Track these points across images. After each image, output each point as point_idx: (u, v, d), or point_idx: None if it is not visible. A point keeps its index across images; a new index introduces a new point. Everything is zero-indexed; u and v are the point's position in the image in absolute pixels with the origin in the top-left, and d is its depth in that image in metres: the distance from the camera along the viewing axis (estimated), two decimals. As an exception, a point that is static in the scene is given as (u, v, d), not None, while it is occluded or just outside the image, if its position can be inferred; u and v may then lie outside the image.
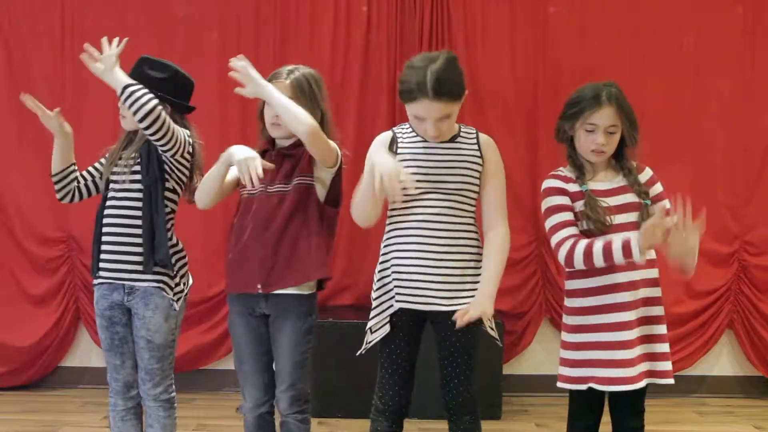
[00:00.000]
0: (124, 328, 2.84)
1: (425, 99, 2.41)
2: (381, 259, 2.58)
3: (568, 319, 2.62)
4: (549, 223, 2.54)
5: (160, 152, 2.75)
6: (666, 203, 2.54)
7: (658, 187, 2.60)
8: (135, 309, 2.80)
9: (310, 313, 2.73)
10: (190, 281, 2.93)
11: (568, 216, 2.51)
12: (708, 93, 4.50)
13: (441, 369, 2.60)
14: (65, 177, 2.93)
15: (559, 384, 2.63)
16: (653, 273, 2.55)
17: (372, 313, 2.57)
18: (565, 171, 2.60)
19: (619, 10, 4.52)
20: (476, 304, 2.45)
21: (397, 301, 2.50)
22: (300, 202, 2.68)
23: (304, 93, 2.70)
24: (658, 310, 2.57)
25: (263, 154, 2.75)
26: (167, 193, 2.81)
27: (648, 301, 2.55)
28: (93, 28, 4.52)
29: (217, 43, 4.54)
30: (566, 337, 2.62)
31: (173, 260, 2.81)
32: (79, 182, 2.95)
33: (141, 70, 2.81)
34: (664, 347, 2.56)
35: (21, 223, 4.60)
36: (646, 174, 2.61)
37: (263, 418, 2.79)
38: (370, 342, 2.58)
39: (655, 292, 2.57)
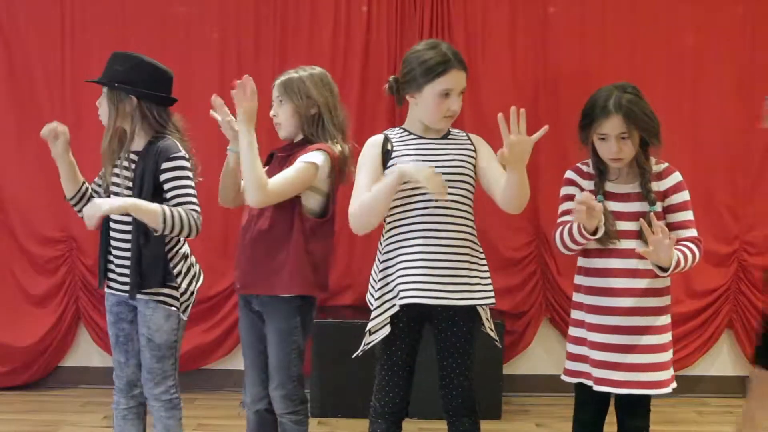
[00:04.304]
0: (129, 325, 2.85)
1: (454, 69, 2.51)
2: (382, 258, 2.57)
3: (572, 313, 2.68)
4: (559, 210, 2.66)
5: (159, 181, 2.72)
6: (685, 215, 2.55)
7: (681, 196, 2.58)
8: (139, 307, 2.80)
9: (293, 315, 2.70)
10: (200, 282, 2.91)
11: (571, 205, 2.56)
12: (708, 93, 4.50)
13: (440, 370, 2.60)
14: (81, 197, 2.89)
15: (562, 377, 2.68)
16: (654, 283, 2.56)
17: (373, 314, 2.56)
18: (589, 167, 2.64)
19: (619, 10, 4.51)
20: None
21: (401, 298, 2.48)
22: (279, 212, 2.66)
23: (292, 91, 2.72)
24: (646, 321, 2.56)
25: (270, 158, 2.77)
26: None
27: (636, 311, 2.55)
28: (93, 28, 4.53)
29: (217, 43, 4.53)
30: (570, 330, 2.68)
31: (175, 272, 2.77)
32: (93, 196, 2.88)
33: (109, 67, 2.78)
34: (646, 358, 2.54)
35: (21, 223, 4.59)
36: (671, 180, 2.59)
37: (261, 414, 2.82)
38: (368, 343, 2.57)
39: (647, 302, 2.56)
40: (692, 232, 2.56)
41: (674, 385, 2.61)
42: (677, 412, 4.32)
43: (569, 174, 2.66)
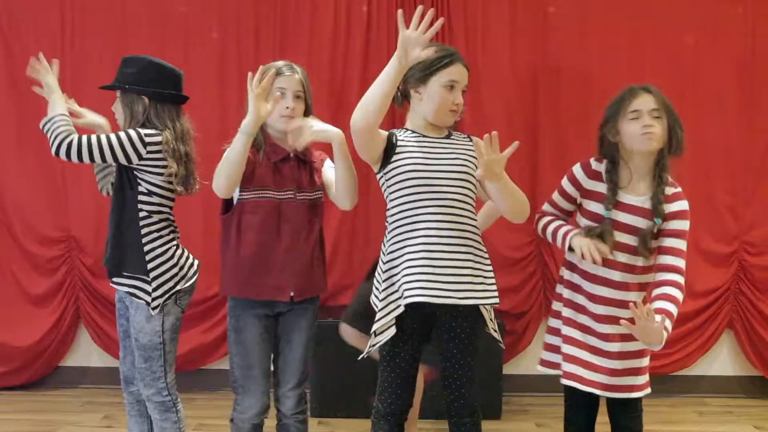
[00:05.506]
0: (126, 322, 2.87)
1: (459, 63, 2.57)
2: (386, 259, 2.55)
3: (553, 304, 2.71)
4: (552, 196, 2.76)
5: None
6: (677, 243, 2.53)
7: (682, 224, 2.54)
8: (127, 305, 2.84)
9: (317, 313, 2.83)
10: (185, 285, 2.85)
11: (561, 202, 2.70)
12: (708, 93, 4.50)
13: (443, 370, 2.60)
14: (103, 169, 2.98)
15: (538, 367, 2.70)
16: (640, 297, 2.58)
17: (378, 315, 2.54)
18: (601, 165, 2.62)
19: (619, 10, 4.51)
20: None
21: (405, 297, 2.46)
22: (318, 214, 2.78)
23: (309, 90, 2.77)
24: (611, 328, 2.56)
25: (284, 160, 2.72)
26: (141, 197, 2.74)
27: (617, 320, 2.52)
28: (93, 28, 4.53)
29: (217, 42, 4.54)
30: (549, 321, 2.69)
31: (149, 266, 2.75)
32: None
33: (120, 71, 2.83)
34: (626, 363, 2.57)
35: (21, 223, 4.59)
36: (677, 205, 2.56)
37: (260, 426, 2.78)
38: (374, 345, 2.55)
39: (617, 312, 2.55)
40: (679, 262, 2.51)
41: (648, 390, 2.63)
42: (677, 412, 4.32)
43: (576, 170, 2.65)
